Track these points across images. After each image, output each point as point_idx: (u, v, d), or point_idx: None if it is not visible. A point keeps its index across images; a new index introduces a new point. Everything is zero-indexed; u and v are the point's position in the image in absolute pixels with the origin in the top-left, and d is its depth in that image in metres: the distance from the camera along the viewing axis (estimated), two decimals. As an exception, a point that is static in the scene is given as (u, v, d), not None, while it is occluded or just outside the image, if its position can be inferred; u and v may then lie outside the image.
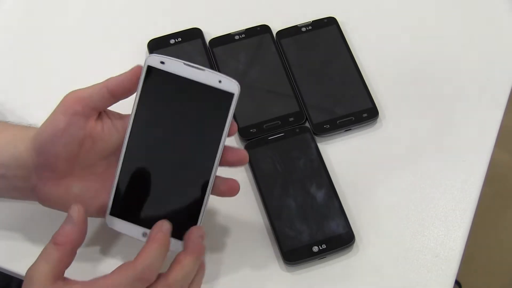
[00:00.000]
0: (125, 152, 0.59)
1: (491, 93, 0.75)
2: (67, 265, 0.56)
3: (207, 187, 0.59)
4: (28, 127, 0.62)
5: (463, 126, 0.73)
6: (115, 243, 0.66)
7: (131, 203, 0.60)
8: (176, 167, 0.59)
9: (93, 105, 0.59)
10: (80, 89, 0.59)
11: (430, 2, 0.81)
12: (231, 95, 0.57)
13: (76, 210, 0.56)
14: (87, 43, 0.78)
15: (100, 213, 0.61)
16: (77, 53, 0.78)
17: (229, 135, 0.58)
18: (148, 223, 0.59)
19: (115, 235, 0.66)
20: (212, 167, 0.58)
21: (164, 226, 0.57)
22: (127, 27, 0.80)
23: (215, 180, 0.59)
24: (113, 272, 0.54)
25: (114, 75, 0.59)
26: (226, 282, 0.65)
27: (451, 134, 0.73)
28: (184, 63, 0.57)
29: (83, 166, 0.60)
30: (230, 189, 0.61)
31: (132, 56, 0.77)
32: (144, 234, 0.59)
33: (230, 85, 0.57)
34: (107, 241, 0.66)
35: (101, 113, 0.60)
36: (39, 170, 0.59)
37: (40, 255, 0.55)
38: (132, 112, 0.59)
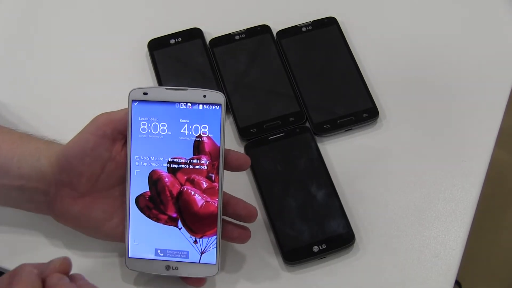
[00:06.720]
0: (130, 194, 0.61)
1: (491, 93, 0.75)
2: None
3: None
4: (52, 142, 0.63)
5: (463, 126, 0.73)
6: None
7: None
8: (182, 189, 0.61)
9: (122, 129, 0.60)
10: (112, 111, 0.60)
11: (430, 2, 0.81)
12: (218, 106, 0.59)
13: None
14: (87, 43, 0.78)
15: (109, 236, 0.62)
16: (77, 53, 0.78)
17: (242, 168, 0.62)
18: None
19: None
20: (218, 179, 0.60)
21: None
22: (127, 27, 0.80)
23: (227, 226, 0.62)
24: None
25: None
26: (227, 281, 0.65)
27: (451, 134, 0.73)
28: (166, 88, 0.60)
29: (102, 188, 0.61)
30: (240, 236, 0.62)
31: (133, 56, 0.77)
32: (167, 267, 0.61)
33: (216, 97, 0.60)
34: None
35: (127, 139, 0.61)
36: (59, 186, 0.59)
37: None
38: (128, 148, 0.60)
